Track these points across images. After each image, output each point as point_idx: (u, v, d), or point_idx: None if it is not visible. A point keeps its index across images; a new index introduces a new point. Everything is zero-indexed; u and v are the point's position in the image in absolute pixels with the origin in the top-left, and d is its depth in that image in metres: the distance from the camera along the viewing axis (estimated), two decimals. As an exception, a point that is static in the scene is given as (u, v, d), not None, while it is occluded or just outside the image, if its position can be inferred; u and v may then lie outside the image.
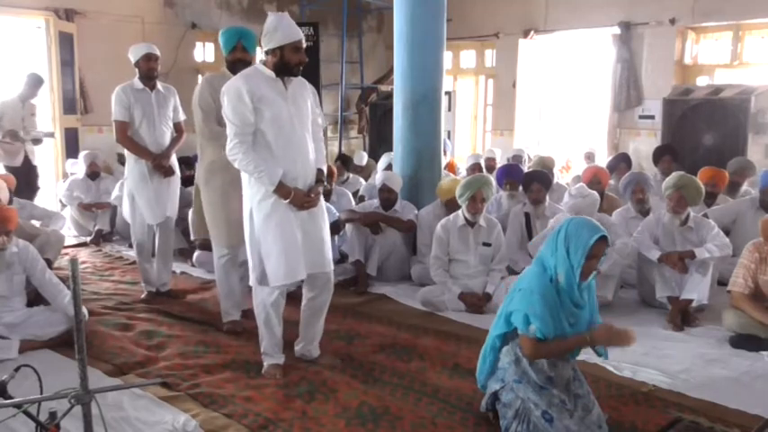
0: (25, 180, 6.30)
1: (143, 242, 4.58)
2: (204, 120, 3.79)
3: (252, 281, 3.20)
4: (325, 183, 3.43)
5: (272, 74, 3.08)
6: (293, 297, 3.61)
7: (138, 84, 4.40)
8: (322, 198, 3.28)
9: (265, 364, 3.28)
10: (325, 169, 3.34)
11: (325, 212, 3.31)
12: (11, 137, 6.40)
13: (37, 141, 6.64)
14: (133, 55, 4.43)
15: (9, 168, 6.27)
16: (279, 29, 3.02)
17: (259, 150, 3.05)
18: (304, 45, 3.10)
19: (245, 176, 3.15)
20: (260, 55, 3.37)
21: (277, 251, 3.07)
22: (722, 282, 4.28)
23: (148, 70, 4.38)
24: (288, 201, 3.05)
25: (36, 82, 6.60)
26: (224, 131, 3.33)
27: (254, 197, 3.10)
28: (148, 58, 4.39)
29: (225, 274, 3.90)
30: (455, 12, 7.32)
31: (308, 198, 3.12)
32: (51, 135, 6.96)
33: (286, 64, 3.05)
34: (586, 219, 2.71)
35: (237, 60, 3.71)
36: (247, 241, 3.18)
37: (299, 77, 3.16)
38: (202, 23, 8.81)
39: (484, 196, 4.29)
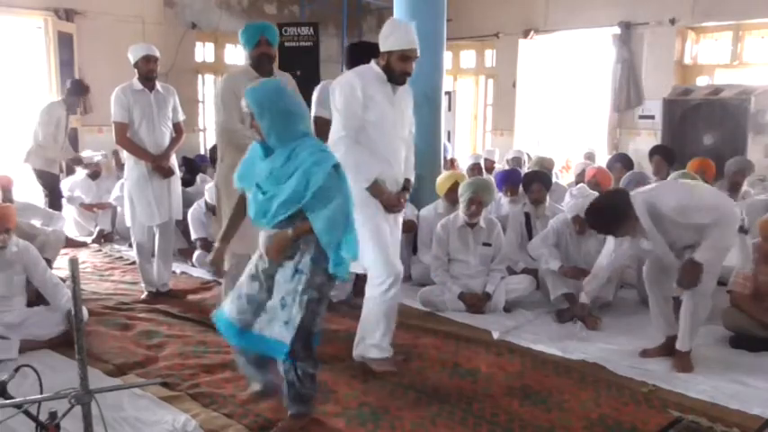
0: (53, 188, 6.21)
1: (143, 242, 4.58)
2: (226, 118, 3.63)
3: (376, 285, 3.23)
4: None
5: (384, 76, 3.11)
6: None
7: (137, 84, 4.39)
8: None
9: (377, 358, 3.28)
10: (412, 179, 3.38)
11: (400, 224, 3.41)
12: (74, 161, 6.45)
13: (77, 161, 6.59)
14: (132, 55, 4.42)
15: (42, 173, 6.12)
16: (392, 34, 3.06)
17: (359, 147, 3.09)
18: (417, 55, 3.10)
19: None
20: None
21: (378, 246, 3.16)
22: (722, 282, 4.28)
23: (148, 72, 4.38)
24: (379, 200, 3.12)
25: (80, 90, 6.20)
26: (245, 130, 3.25)
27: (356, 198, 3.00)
28: (147, 60, 4.38)
29: (231, 280, 3.67)
30: (455, 12, 7.32)
31: (397, 202, 3.20)
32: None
33: (390, 71, 3.09)
34: None
35: (262, 55, 3.63)
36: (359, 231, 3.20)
37: (407, 85, 3.20)
38: (202, 23, 8.81)
39: (482, 200, 4.29)
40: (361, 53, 3.67)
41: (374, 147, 3.11)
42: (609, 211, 3.31)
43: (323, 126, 3.79)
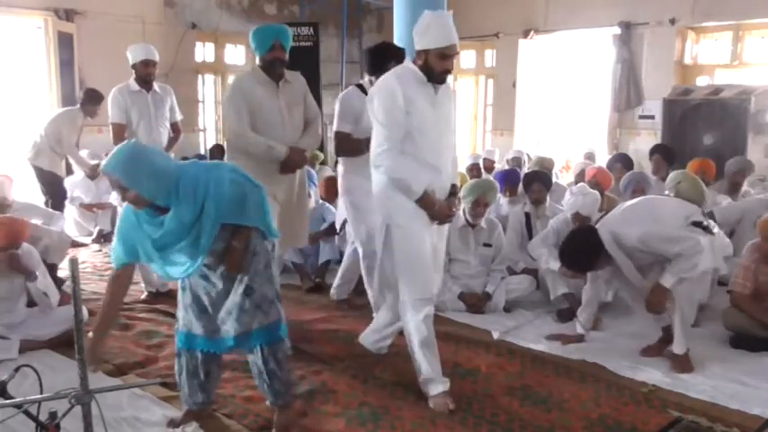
0: (56, 189, 6.30)
1: None
2: (236, 123, 3.49)
3: (402, 304, 2.98)
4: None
5: (423, 77, 2.83)
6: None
7: (134, 85, 4.39)
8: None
9: (431, 393, 2.95)
10: (458, 183, 3.13)
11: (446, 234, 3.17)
12: (91, 171, 6.50)
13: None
14: (132, 56, 4.40)
15: (47, 173, 6.20)
16: (428, 31, 2.78)
17: (404, 158, 2.83)
18: (457, 52, 2.84)
19: (380, 187, 2.93)
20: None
21: (417, 266, 2.91)
22: (722, 282, 4.28)
23: (146, 75, 4.38)
24: (430, 212, 2.87)
25: (97, 98, 6.20)
26: (257, 139, 3.32)
27: (392, 208, 2.90)
28: (146, 64, 4.37)
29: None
30: (455, 12, 7.26)
31: (449, 211, 2.97)
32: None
33: (430, 70, 2.81)
34: None
35: (276, 60, 3.52)
36: (383, 259, 3.05)
37: (448, 84, 2.95)
38: (202, 23, 8.81)
39: (487, 201, 4.29)
40: (382, 57, 3.57)
41: (420, 154, 2.83)
42: (582, 253, 3.41)
43: (343, 141, 3.73)
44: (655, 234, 3.28)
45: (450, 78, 2.94)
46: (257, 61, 3.60)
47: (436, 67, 2.80)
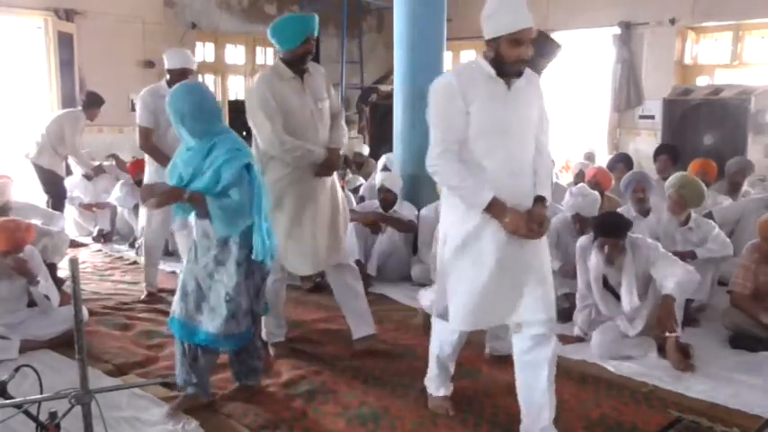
0: (56, 188, 6.33)
1: (155, 246, 4.53)
2: (269, 129, 3.17)
3: (433, 310, 2.78)
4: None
5: (492, 71, 2.44)
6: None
7: (165, 89, 4.25)
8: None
9: (433, 393, 2.91)
10: (549, 196, 2.58)
11: (542, 253, 2.59)
12: (96, 171, 6.58)
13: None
14: (170, 62, 4.28)
15: (48, 172, 6.23)
16: (495, 14, 2.40)
17: (466, 164, 2.46)
18: (532, 36, 2.42)
19: (445, 193, 2.65)
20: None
21: (462, 291, 2.53)
22: (722, 282, 4.29)
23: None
24: (504, 223, 2.42)
25: (98, 101, 6.34)
26: (294, 143, 3.13)
27: (449, 218, 2.59)
28: (183, 73, 4.22)
29: (275, 295, 3.46)
30: (455, 12, 7.31)
31: (531, 225, 2.44)
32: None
33: (503, 60, 2.41)
34: None
35: (307, 53, 3.25)
36: (438, 265, 2.70)
37: (528, 73, 2.52)
38: (202, 23, 8.81)
39: None
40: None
41: (485, 161, 2.44)
42: (621, 218, 3.65)
43: None
44: (655, 272, 3.53)
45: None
46: (281, 55, 3.31)
47: (509, 56, 2.39)
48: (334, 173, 3.47)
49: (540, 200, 2.52)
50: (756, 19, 7.64)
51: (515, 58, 2.39)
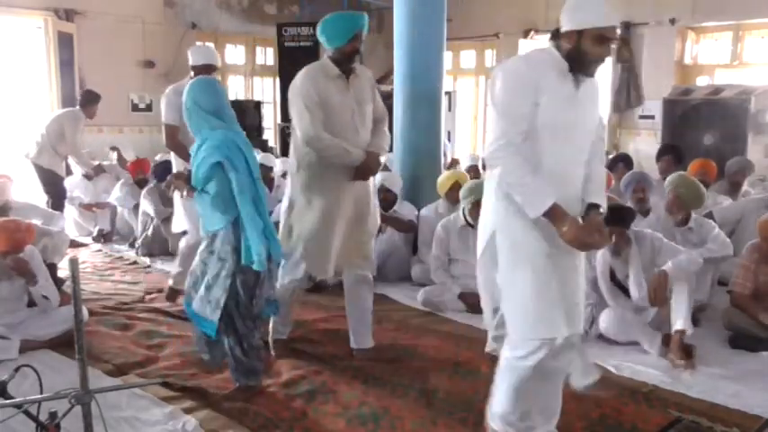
0: (56, 188, 6.35)
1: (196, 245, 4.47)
2: (308, 124, 3.11)
3: (509, 345, 2.46)
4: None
5: (565, 65, 2.26)
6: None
7: None
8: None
9: (495, 428, 2.51)
10: (604, 204, 2.40)
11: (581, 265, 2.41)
12: (96, 171, 6.64)
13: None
14: (194, 58, 4.25)
15: (48, 171, 6.25)
16: (585, 4, 2.24)
17: (525, 161, 2.22)
18: (617, 36, 2.30)
19: (492, 189, 2.37)
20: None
21: (535, 297, 2.29)
22: (722, 282, 4.28)
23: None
24: (561, 231, 2.18)
25: (95, 98, 6.35)
26: (333, 141, 3.07)
27: (500, 215, 2.34)
28: (209, 69, 4.18)
29: (289, 297, 3.45)
30: (455, 12, 7.31)
31: (593, 237, 2.24)
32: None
33: (581, 57, 2.23)
34: None
35: (355, 51, 3.19)
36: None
37: (594, 79, 2.37)
38: (202, 23, 8.81)
39: None
40: None
41: (545, 161, 2.25)
42: (629, 209, 3.77)
43: None
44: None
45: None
46: (329, 53, 3.23)
47: (591, 53, 2.22)
48: (371, 178, 3.39)
49: (595, 207, 2.35)
50: (756, 19, 7.64)
51: (597, 55, 2.24)
